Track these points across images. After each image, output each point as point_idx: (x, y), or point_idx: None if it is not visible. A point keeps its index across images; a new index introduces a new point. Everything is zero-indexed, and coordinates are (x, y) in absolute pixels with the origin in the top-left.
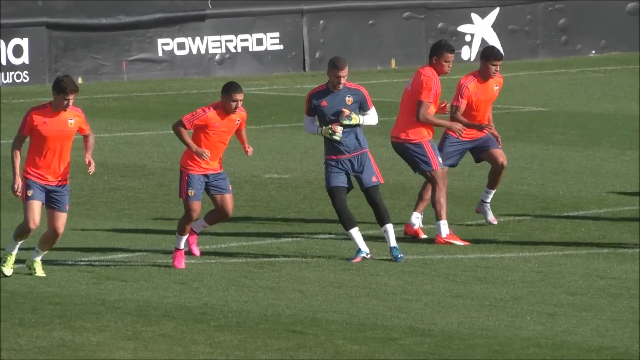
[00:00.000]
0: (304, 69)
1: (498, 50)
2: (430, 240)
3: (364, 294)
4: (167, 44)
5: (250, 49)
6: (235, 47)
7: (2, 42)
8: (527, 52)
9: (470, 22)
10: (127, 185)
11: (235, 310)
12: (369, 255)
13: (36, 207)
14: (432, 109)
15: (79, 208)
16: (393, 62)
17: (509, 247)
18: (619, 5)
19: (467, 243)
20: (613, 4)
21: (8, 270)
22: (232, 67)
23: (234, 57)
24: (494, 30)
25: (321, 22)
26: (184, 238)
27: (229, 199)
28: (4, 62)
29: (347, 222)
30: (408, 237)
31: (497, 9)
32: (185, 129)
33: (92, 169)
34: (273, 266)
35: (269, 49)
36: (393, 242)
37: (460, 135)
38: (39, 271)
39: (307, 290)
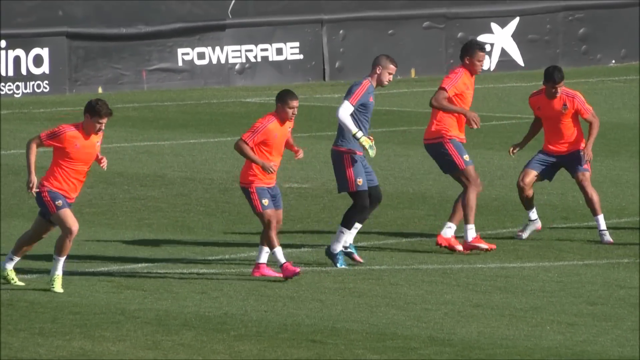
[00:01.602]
0: (324, 79)
1: (556, 74)
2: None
3: (384, 304)
4: (187, 54)
5: (270, 59)
6: (255, 57)
7: (23, 51)
8: (547, 61)
9: (490, 31)
10: (147, 194)
11: (255, 320)
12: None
13: (70, 212)
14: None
15: (99, 218)
16: (413, 71)
17: (529, 257)
18: (638, 15)
19: (493, 247)
20: (633, 13)
21: (59, 289)
22: (252, 77)
23: (254, 67)
24: (514, 39)
25: (341, 31)
26: (278, 250)
27: (280, 214)
28: (24, 72)
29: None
30: (441, 248)
31: (517, 19)
32: (248, 146)
33: (105, 162)
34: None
35: (288, 58)
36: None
37: (476, 125)
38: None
39: (327, 300)
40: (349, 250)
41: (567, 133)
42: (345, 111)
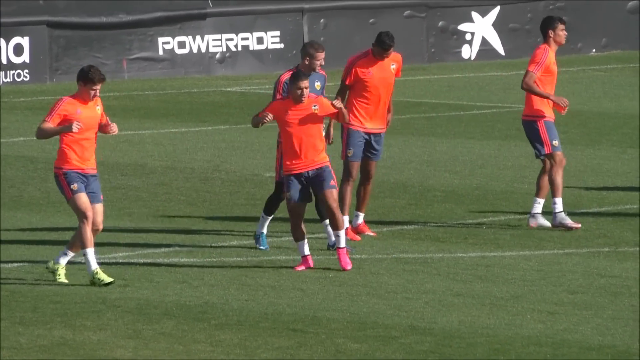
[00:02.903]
0: None
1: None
2: (434, 238)
3: (365, 293)
4: (168, 43)
5: (251, 48)
6: (236, 46)
7: (3, 40)
8: (528, 50)
9: (471, 20)
10: (127, 184)
11: (236, 309)
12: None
13: (85, 198)
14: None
15: None
16: None
17: (509, 246)
18: (619, 4)
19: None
20: (614, 3)
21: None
22: (232, 66)
23: (235, 56)
24: (495, 28)
25: (322, 20)
26: (302, 243)
27: (332, 193)
28: (4, 61)
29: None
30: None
31: (498, 8)
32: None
33: (114, 127)
34: (274, 264)
35: (269, 47)
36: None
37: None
38: (63, 277)
39: (308, 289)
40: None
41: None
42: None
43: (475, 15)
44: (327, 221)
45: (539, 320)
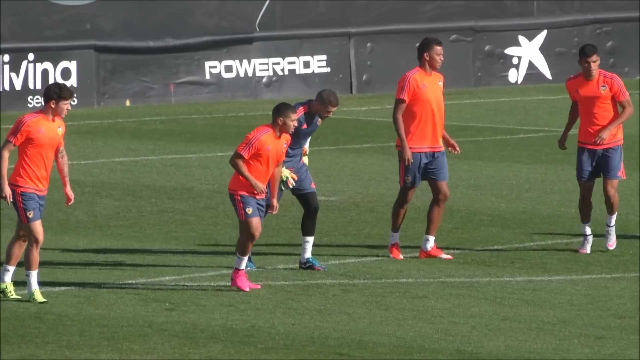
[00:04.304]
0: (351, 92)
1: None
2: (481, 262)
3: (411, 317)
4: (215, 67)
5: (297, 72)
6: (283, 70)
7: (51, 65)
8: (575, 74)
9: (518, 44)
10: (174, 207)
11: (282, 333)
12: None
13: (40, 224)
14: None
15: (126, 230)
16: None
17: (556, 270)
18: None
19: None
20: None
21: (41, 298)
22: (279, 90)
23: (281, 80)
24: (542, 52)
25: (368, 44)
26: (245, 259)
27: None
28: None
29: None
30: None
31: (545, 32)
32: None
33: (71, 198)
34: (320, 289)
35: (316, 71)
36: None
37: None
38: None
39: (354, 313)
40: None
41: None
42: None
43: (522, 39)
44: (307, 237)
45: (586, 345)
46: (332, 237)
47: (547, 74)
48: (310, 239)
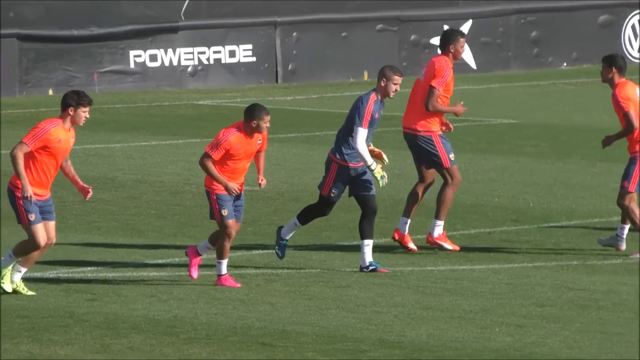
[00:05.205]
0: (277, 81)
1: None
2: (404, 252)
3: (334, 306)
4: (139, 56)
5: (223, 61)
6: (208, 59)
7: None
8: (499, 64)
9: None
10: (97, 197)
11: (205, 323)
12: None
13: (42, 227)
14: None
15: None
16: (366, 74)
17: (479, 259)
18: (590, 18)
19: (457, 248)
20: (585, 17)
21: (8, 285)
22: (204, 79)
23: (207, 69)
24: (467, 42)
25: (294, 34)
26: (225, 262)
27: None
28: None
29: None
30: (398, 244)
31: (470, 22)
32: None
33: (89, 190)
34: (243, 278)
35: (241, 60)
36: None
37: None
38: (25, 290)
39: (277, 303)
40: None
41: None
42: (362, 141)
43: (447, 29)
44: (366, 241)
45: (507, 333)
46: (256, 227)
47: (472, 63)
48: (370, 242)
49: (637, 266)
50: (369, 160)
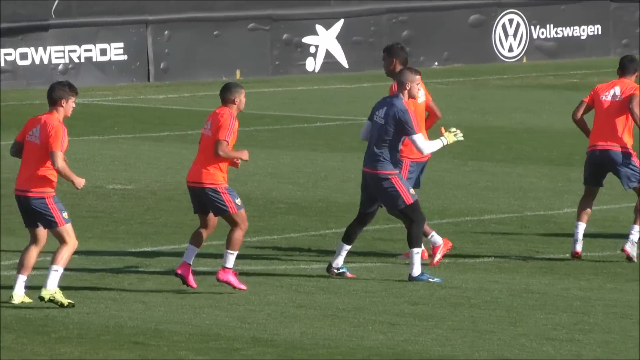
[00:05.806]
0: (148, 80)
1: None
2: (278, 250)
3: (208, 305)
4: (10, 54)
5: (94, 59)
6: (79, 57)
7: None
8: (372, 63)
9: (315, 33)
10: None
11: (77, 322)
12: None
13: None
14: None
15: None
16: (238, 73)
17: (352, 257)
18: (461, 18)
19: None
20: (456, 17)
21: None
22: (75, 78)
23: (78, 68)
24: (339, 41)
25: (166, 32)
26: (235, 255)
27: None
28: None
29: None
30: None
31: (342, 21)
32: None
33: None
34: (116, 277)
35: (113, 59)
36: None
37: None
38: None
39: (150, 301)
40: (341, 270)
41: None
42: (425, 144)
43: (319, 28)
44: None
45: (380, 331)
46: (129, 226)
47: (344, 62)
48: (418, 250)
49: (508, 265)
50: (439, 144)
